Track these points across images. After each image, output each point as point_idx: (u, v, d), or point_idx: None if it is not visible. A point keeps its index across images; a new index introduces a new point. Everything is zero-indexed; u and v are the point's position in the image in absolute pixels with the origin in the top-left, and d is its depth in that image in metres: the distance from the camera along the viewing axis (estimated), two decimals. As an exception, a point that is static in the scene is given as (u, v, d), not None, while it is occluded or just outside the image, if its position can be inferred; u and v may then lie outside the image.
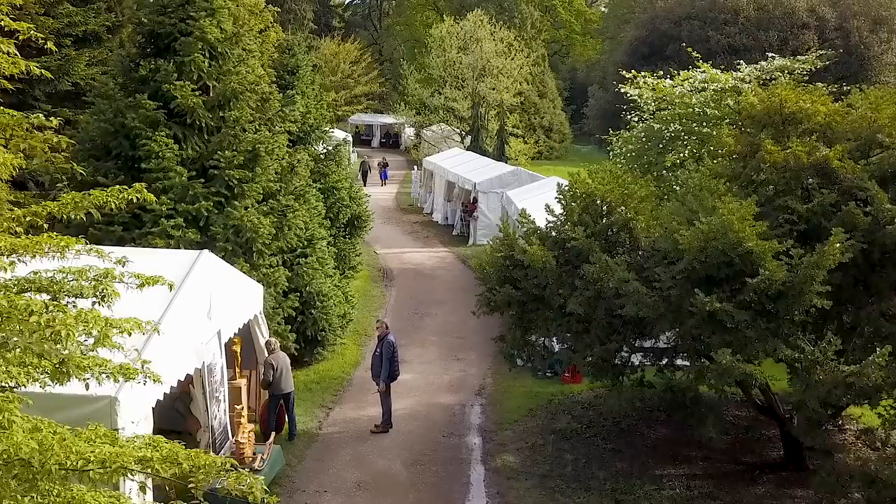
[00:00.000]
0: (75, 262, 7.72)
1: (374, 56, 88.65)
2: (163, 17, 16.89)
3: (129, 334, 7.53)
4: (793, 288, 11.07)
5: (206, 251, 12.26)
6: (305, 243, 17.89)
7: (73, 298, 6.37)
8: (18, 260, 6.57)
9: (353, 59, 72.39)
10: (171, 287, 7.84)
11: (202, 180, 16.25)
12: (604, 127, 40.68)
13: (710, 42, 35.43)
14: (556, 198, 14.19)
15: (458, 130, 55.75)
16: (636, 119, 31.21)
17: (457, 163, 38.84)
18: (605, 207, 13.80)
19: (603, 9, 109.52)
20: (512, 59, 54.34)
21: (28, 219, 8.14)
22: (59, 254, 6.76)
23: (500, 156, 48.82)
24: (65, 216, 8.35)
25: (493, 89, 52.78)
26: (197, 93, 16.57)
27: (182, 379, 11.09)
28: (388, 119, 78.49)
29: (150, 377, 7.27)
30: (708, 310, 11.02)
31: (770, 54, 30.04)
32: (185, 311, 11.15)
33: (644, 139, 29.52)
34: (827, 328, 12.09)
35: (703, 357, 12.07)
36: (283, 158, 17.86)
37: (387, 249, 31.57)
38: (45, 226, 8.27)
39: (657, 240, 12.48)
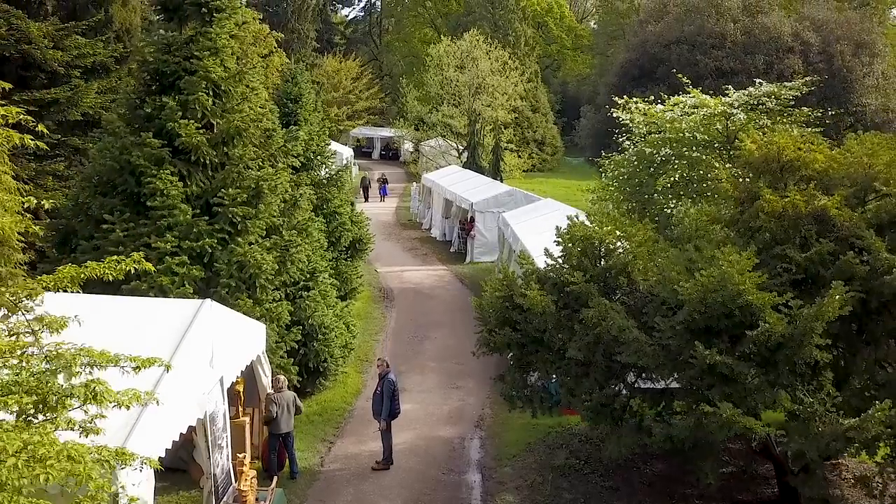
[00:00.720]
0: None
1: (374, 71, 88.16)
2: (167, 55, 16.39)
3: (128, 408, 7.06)
4: (792, 339, 10.59)
5: (207, 300, 11.68)
6: (308, 276, 17.35)
7: (64, 397, 5.86)
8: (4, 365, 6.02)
9: (354, 76, 71.78)
10: (168, 368, 7.35)
11: (206, 217, 15.75)
12: (596, 146, 40.21)
13: (698, 66, 34.95)
14: (554, 240, 13.66)
15: (455, 146, 55.25)
16: (627, 143, 30.71)
17: (455, 181, 38.34)
18: (602, 249, 13.30)
19: (593, 25, 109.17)
20: (506, 77, 53.81)
21: (24, 293, 7.64)
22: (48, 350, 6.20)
23: (496, 172, 48.28)
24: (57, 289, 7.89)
25: (489, 106, 52.28)
26: (201, 131, 16.07)
27: (184, 432, 10.57)
28: (388, 132, 78.05)
29: (146, 463, 6.80)
30: (708, 362, 10.55)
31: (758, 80, 29.56)
32: (187, 363, 10.61)
33: (635, 162, 29.05)
34: (824, 375, 11.57)
35: (704, 402, 11.56)
36: (286, 192, 17.36)
37: (387, 268, 31.03)
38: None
39: (654, 285, 11.96)
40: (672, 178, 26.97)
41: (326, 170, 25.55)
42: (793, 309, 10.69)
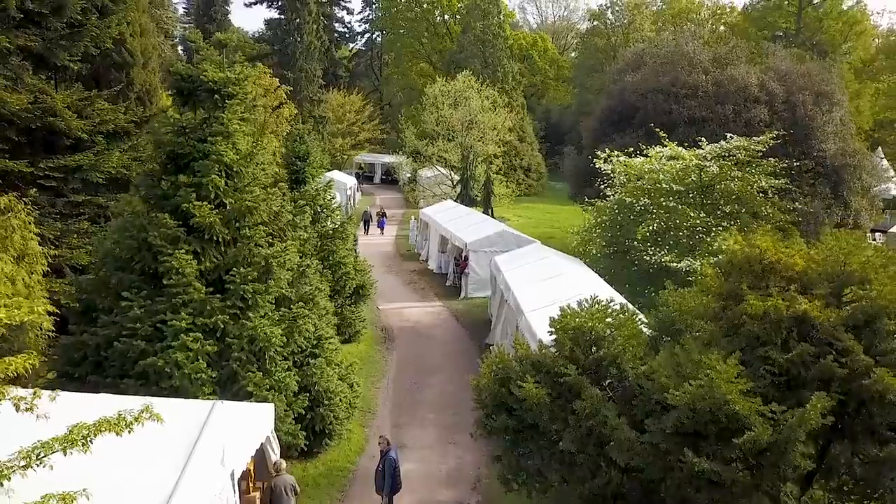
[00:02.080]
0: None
1: (375, 101, 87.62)
2: (182, 137, 15.79)
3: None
4: (777, 446, 10.03)
5: (218, 403, 11.04)
6: (315, 343, 16.73)
7: None
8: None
9: (357, 109, 71.15)
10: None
11: (219, 295, 15.13)
12: (578, 184, 39.69)
13: (672, 114, 34.49)
14: (548, 330, 13.07)
15: (449, 176, 54.74)
16: (609, 189, 30.20)
17: (450, 217, 37.69)
18: (593, 335, 12.71)
19: (573, 55, 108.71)
20: (496, 113, 53.28)
21: (38, 451, 7.04)
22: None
23: (487, 203, 47.76)
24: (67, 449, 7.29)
25: (480, 140, 51.74)
26: (214, 211, 15.48)
27: (196, 536, 9.95)
28: (388, 158, 77.75)
29: None
30: (696, 468, 9.99)
31: (729, 134, 29.09)
32: (199, 468, 9.99)
33: (616, 210, 28.57)
34: (804, 468, 11.02)
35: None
36: (294, 264, 16.74)
37: (388, 304, 30.37)
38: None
39: (644, 381, 11.39)
40: (651, 227, 26.51)
41: (332, 222, 25.03)
42: (777, 414, 10.15)
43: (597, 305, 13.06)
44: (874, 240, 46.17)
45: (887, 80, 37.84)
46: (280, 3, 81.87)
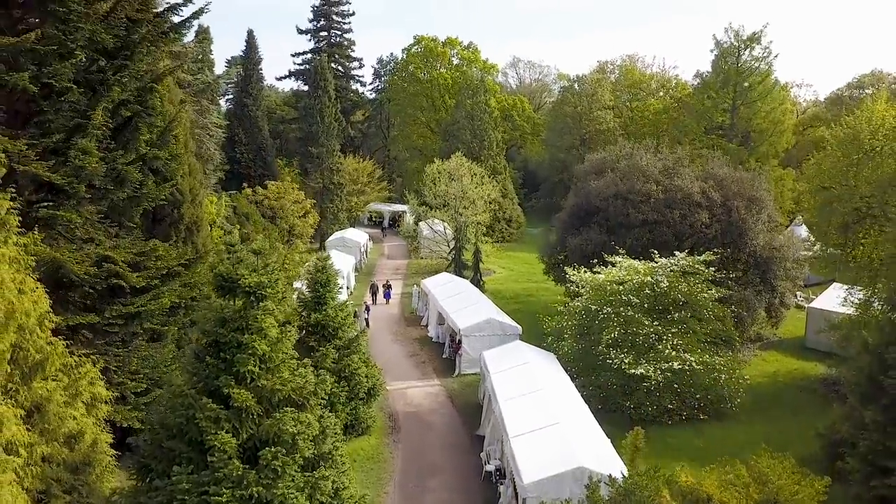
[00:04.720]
0: None
1: (384, 158, 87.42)
2: (223, 329, 15.52)
3: None
4: None
5: None
6: (334, 494, 16.44)
7: None
8: None
9: (369, 172, 70.82)
10: None
11: (254, 471, 14.86)
12: (551, 261, 39.52)
13: (629, 216, 34.35)
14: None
15: (445, 237, 54.55)
16: (578, 289, 29.96)
17: (446, 294, 37.28)
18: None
19: (547, 113, 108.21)
20: (483, 187, 52.98)
21: None
22: None
23: (476, 269, 47.48)
24: None
25: (471, 208, 51.46)
26: (250, 395, 15.22)
27: None
28: (394, 207, 77.50)
29: None
30: None
31: (677, 252, 28.94)
32: None
33: (584, 315, 28.36)
34: None
35: None
36: (316, 430, 16.43)
37: (394, 383, 30.02)
38: None
39: None
40: (612, 335, 26.33)
41: (348, 335, 24.76)
42: None
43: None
44: (795, 296, 46.17)
45: (807, 197, 37.70)
46: (305, 78, 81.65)
